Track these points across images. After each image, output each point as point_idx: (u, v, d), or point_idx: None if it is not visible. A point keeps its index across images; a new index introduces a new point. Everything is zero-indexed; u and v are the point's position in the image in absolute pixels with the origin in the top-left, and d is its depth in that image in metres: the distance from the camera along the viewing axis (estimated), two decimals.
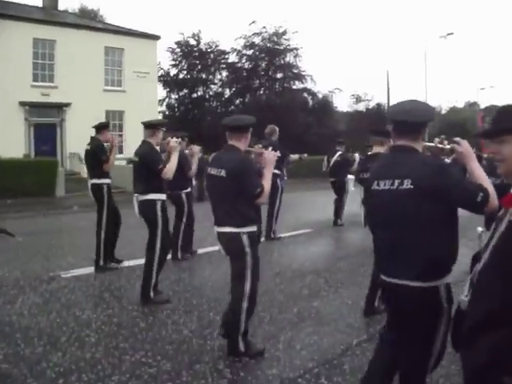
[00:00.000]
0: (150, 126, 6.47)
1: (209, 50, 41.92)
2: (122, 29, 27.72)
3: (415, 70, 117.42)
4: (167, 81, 40.57)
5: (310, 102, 44.01)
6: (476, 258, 2.19)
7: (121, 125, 26.08)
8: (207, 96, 43.13)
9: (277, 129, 10.17)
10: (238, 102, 43.64)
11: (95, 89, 25.56)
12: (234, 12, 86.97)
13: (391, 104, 3.64)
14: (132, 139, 24.82)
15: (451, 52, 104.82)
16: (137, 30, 28.14)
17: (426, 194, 2.80)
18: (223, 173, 4.37)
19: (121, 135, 25.03)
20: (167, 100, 41.71)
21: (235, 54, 42.90)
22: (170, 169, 6.22)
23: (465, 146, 3.14)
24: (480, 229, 3.87)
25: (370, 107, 46.19)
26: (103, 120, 14.86)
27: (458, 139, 3.21)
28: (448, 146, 3.51)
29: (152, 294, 6.13)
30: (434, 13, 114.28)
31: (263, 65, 42.94)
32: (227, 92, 43.69)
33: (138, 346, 4.74)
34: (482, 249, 2.11)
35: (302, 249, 9.84)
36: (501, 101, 64.99)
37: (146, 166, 6.23)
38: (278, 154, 4.90)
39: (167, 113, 41.28)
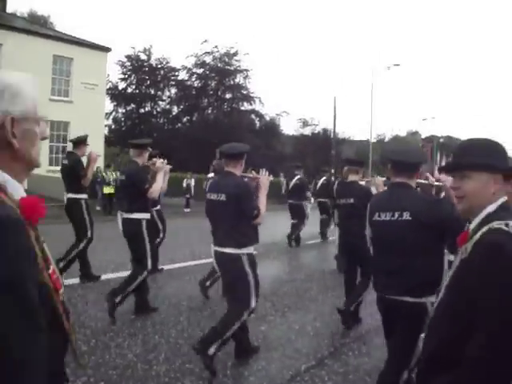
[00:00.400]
0: (137, 146, 6.45)
1: (159, 66, 41.82)
2: (72, 38, 26.93)
3: (362, 97, 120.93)
4: (115, 94, 40.01)
5: (257, 124, 44.45)
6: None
7: (65, 136, 25.32)
8: (155, 112, 42.93)
9: None
10: (185, 119, 43.75)
11: (40, 98, 24.87)
12: (187, 30, 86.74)
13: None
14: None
15: (396, 82, 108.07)
16: (88, 40, 27.47)
17: (423, 224, 3.37)
18: (223, 197, 4.68)
19: (64, 147, 24.27)
20: (114, 114, 41.25)
21: (185, 71, 43.15)
22: (155, 189, 6.31)
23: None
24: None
25: (317, 131, 47.20)
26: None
27: (442, 179, 3.84)
28: (436, 183, 4.18)
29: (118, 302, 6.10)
30: (383, 43, 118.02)
31: (213, 84, 43.31)
32: (175, 109, 43.84)
33: (79, 372, 4.50)
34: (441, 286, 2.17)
35: None
36: (440, 131, 67.52)
37: (133, 185, 6.24)
38: (271, 177, 5.10)
39: (113, 127, 40.90)
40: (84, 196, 7.86)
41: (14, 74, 1.43)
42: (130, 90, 41.29)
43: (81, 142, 7.97)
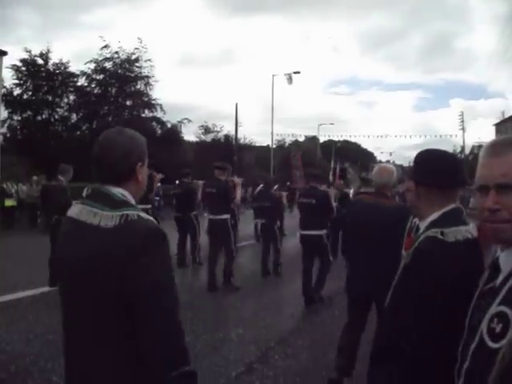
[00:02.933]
0: (220, 168, 9.48)
1: (57, 72, 40.04)
2: None
3: (263, 104, 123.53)
4: (10, 100, 37.92)
5: (159, 131, 43.84)
6: None
7: None
8: (52, 119, 41.16)
9: None
10: (84, 127, 42.30)
11: None
12: (86, 34, 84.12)
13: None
14: None
15: (297, 89, 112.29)
16: None
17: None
18: (314, 201, 8.39)
19: None
20: (9, 121, 39.06)
21: (85, 77, 41.58)
22: (238, 198, 9.80)
23: None
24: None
25: (218, 138, 47.61)
26: None
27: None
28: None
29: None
30: (282, 53, 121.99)
31: (113, 91, 42.12)
32: (74, 117, 42.13)
33: None
34: None
35: None
36: (337, 135, 70.70)
37: (224, 195, 9.17)
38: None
39: (8, 135, 38.73)
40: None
41: None
42: (25, 97, 39.36)
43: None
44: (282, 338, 6.31)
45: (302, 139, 61.91)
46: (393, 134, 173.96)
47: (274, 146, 48.73)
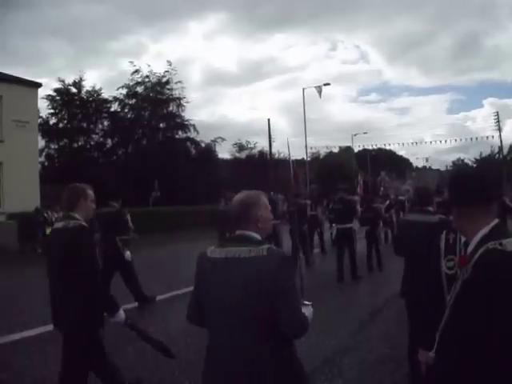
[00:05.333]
0: (346, 190, 12.10)
1: (90, 99, 40.58)
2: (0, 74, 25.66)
3: (295, 118, 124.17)
4: (46, 130, 38.54)
5: (193, 151, 43.89)
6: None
7: None
8: (88, 146, 41.57)
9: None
10: (120, 152, 42.52)
11: None
12: (117, 60, 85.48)
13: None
14: (11, 192, 23.32)
15: (327, 102, 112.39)
16: (17, 76, 26.29)
17: None
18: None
19: None
20: (46, 150, 39.71)
21: (117, 103, 42.10)
22: (358, 210, 12.55)
23: None
24: None
25: (253, 154, 47.59)
26: None
27: None
28: None
29: None
30: (311, 65, 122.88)
31: (146, 114, 42.41)
32: (109, 142, 42.52)
33: None
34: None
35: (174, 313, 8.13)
36: (371, 144, 70.09)
37: (351, 209, 11.51)
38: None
39: (46, 164, 39.35)
40: None
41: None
42: (61, 125, 40.00)
43: None
44: (327, 357, 5.92)
45: (336, 150, 60.68)
46: (427, 138, 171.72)
47: (309, 159, 47.75)
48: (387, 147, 66.91)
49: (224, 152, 52.15)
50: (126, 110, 42.29)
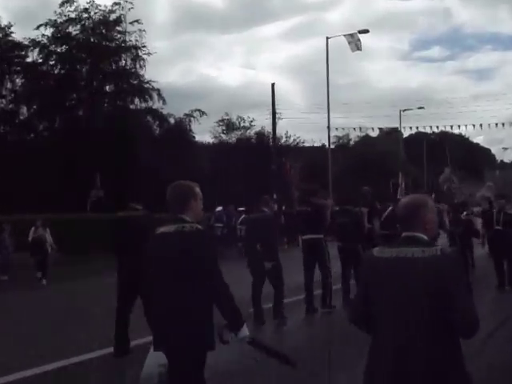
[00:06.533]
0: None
1: None
2: None
3: (313, 84, 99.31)
4: None
5: (157, 130, 35.63)
6: None
7: None
8: None
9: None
10: (41, 127, 33.27)
11: None
12: None
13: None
14: None
15: (363, 59, 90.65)
16: None
17: None
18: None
19: None
20: None
21: (37, 50, 31.79)
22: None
23: None
24: None
25: (248, 137, 39.89)
26: None
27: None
28: None
29: None
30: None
31: (84, 70, 33.28)
32: (23, 111, 32.75)
33: None
34: None
35: None
36: (430, 125, 51.67)
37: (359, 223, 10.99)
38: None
39: None
40: None
41: None
42: None
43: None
44: None
45: (374, 134, 49.18)
46: None
47: (333, 146, 39.73)
48: (455, 130, 48.60)
49: (204, 133, 45.19)
50: (52, 62, 32.61)
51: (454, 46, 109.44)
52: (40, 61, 32.40)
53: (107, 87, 34.34)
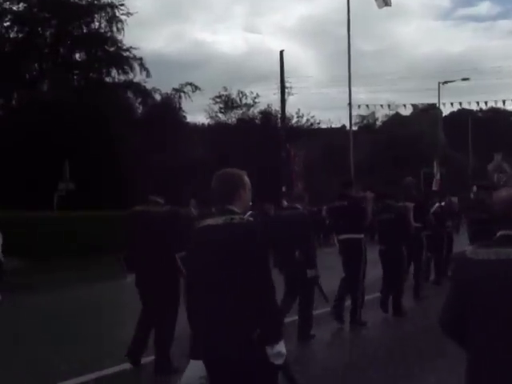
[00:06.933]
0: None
1: None
2: None
3: (331, 51, 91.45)
4: None
5: (140, 109, 33.45)
6: None
7: None
8: None
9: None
10: None
11: None
12: None
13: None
14: None
15: (394, 18, 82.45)
16: None
17: None
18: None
19: None
20: None
21: None
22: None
23: None
24: None
25: (251, 116, 37.21)
26: None
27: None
28: None
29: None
30: None
31: (47, 33, 30.81)
32: None
33: None
34: None
35: None
36: (476, 100, 44.17)
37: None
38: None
39: None
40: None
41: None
42: None
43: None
44: None
45: (407, 112, 45.90)
46: None
47: (355, 128, 37.34)
48: (508, 107, 44.89)
49: (198, 112, 44.21)
50: (7, 24, 30.01)
51: (508, 1, 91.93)
52: None
53: (77, 55, 31.82)
